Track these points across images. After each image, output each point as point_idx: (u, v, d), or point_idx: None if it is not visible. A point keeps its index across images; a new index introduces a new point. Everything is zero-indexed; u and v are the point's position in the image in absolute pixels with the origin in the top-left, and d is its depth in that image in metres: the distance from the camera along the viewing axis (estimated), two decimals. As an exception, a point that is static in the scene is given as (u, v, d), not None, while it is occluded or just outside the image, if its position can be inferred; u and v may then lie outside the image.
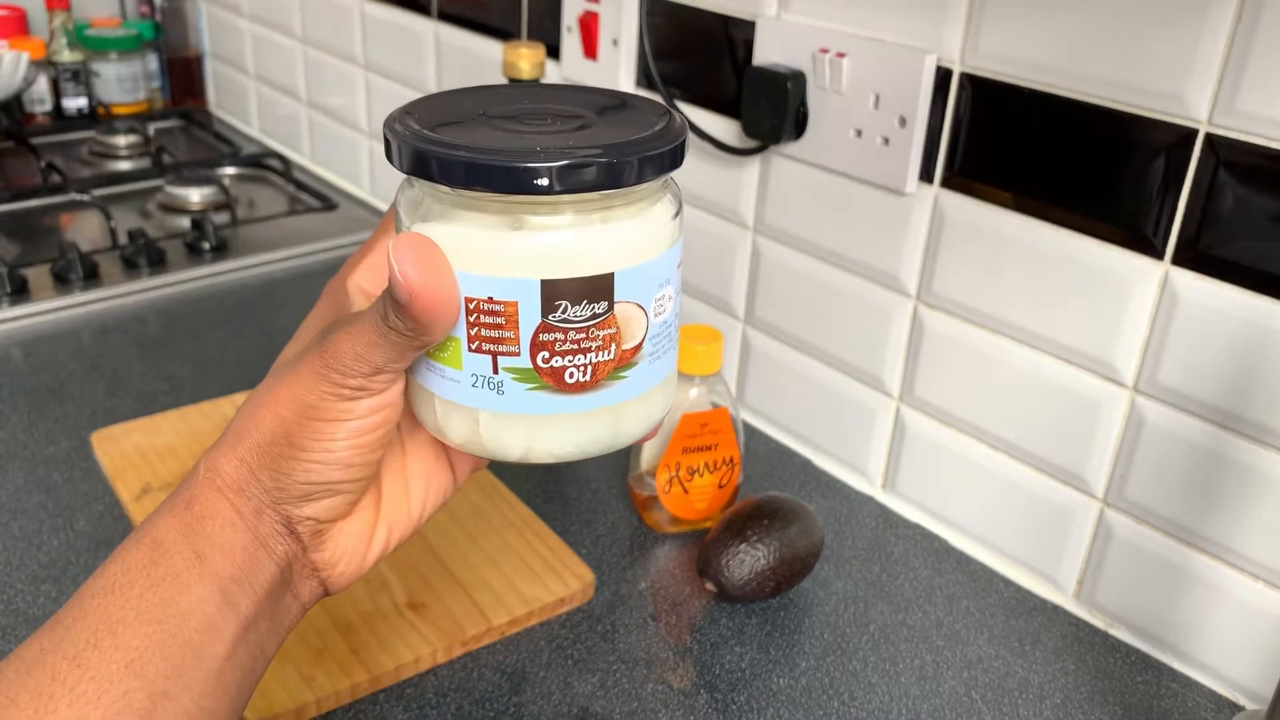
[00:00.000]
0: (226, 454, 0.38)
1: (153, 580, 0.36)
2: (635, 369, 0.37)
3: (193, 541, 0.37)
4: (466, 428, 0.38)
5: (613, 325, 0.36)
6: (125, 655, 0.35)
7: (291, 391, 0.37)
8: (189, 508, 0.38)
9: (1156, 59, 0.60)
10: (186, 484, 0.39)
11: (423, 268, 0.34)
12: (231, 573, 0.37)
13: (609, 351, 0.36)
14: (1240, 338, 0.60)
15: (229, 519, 0.38)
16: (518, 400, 0.37)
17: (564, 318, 0.35)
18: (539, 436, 0.37)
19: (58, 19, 1.50)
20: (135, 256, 1.10)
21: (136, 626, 0.35)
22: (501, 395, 0.36)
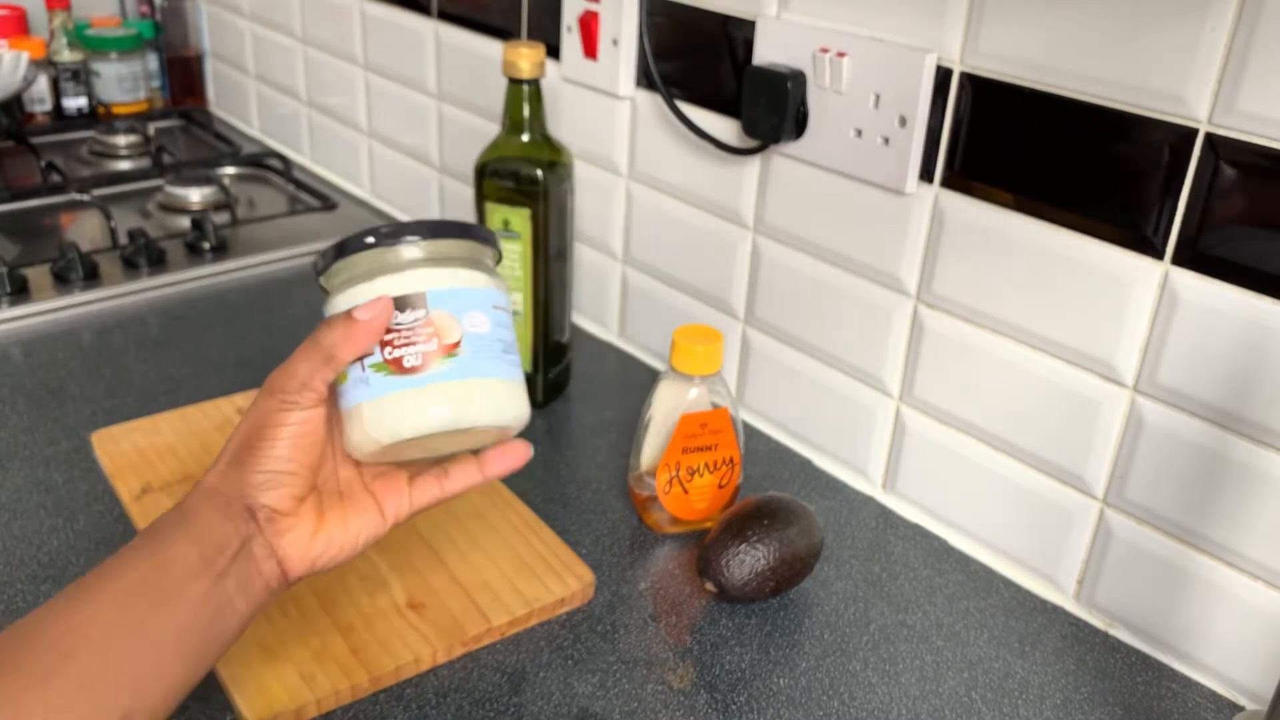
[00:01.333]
0: (211, 471, 0.53)
1: (151, 537, 0.51)
2: (458, 359, 0.53)
3: (181, 523, 0.51)
4: (359, 430, 0.53)
5: (431, 325, 0.52)
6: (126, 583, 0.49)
7: (249, 415, 0.53)
8: (179, 508, 0.52)
9: (1156, 59, 0.60)
10: (180, 503, 0.53)
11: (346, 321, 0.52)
12: (211, 539, 0.50)
13: (432, 344, 0.52)
14: (1240, 338, 0.60)
15: (209, 507, 0.52)
16: (379, 386, 0.52)
17: (398, 322, 0.52)
18: (399, 415, 0.52)
19: (58, 19, 1.50)
20: (135, 256, 1.10)
21: (138, 564, 0.49)
22: (369, 386, 0.52)
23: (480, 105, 1.12)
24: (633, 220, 0.98)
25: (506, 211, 0.84)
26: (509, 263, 0.85)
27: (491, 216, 0.85)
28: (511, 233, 0.84)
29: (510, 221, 0.84)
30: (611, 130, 0.96)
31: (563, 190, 0.86)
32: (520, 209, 0.84)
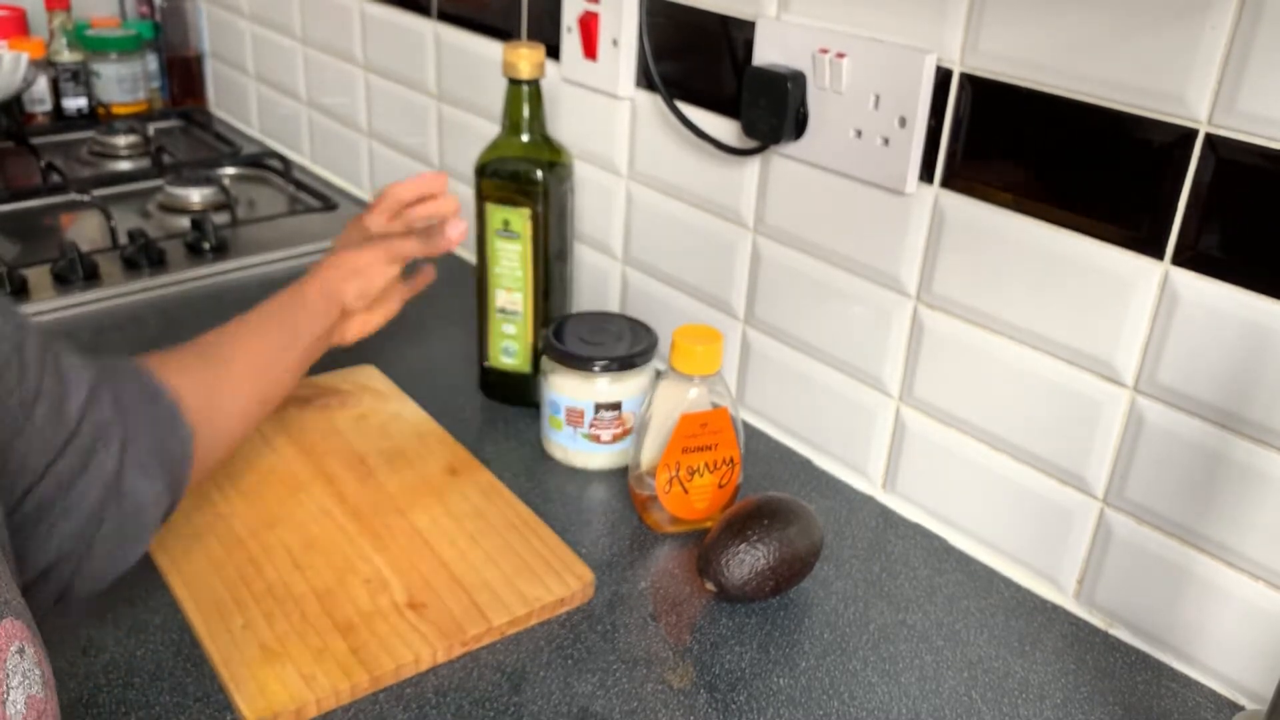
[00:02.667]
0: (328, 268, 0.81)
1: (287, 310, 0.78)
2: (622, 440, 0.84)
3: (303, 300, 0.78)
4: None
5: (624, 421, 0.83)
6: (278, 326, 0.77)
7: (366, 249, 0.82)
8: (302, 288, 0.79)
9: (1156, 59, 0.60)
10: (304, 276, 0.81)
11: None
12: (320, 309, 0.79)
13: (620, 427, 0.83)
14: (1240, 338, 0.60)
15: (320, 296, 0.79)
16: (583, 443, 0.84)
17: (596, 417, 0.82)
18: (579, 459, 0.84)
19: (58, 19, 1.50)
20: (135, 256, 1.10)
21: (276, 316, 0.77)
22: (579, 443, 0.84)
23: (480, 105, 1.12)
24: (633, 220, 0.98)
25: (506, 212, 0.85)
26: (508, 263, 0.86)
27: (491, 217, 0.85)
28: (511, 233, 0.85)
29: (510, 221, 0.85)
30: (611, 130, 0.96)
31: (563, 191, 0.87)
32: (520, 209, 0.84)
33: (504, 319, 0.88)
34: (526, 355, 0.89)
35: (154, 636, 0.65)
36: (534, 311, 0.88)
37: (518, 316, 0.88)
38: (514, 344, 0.89)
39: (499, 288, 0.87)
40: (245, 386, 0.72)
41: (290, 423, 0.86)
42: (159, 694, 0.61)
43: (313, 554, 0.71)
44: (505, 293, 0.87)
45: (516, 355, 0.89)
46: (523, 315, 0.88)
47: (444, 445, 0.84)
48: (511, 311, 0.88)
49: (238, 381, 0.71)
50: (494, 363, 0.90)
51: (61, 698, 0.60)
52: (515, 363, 0.90)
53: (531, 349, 0.89)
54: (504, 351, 0.90)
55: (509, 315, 0.88)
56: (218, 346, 0.72)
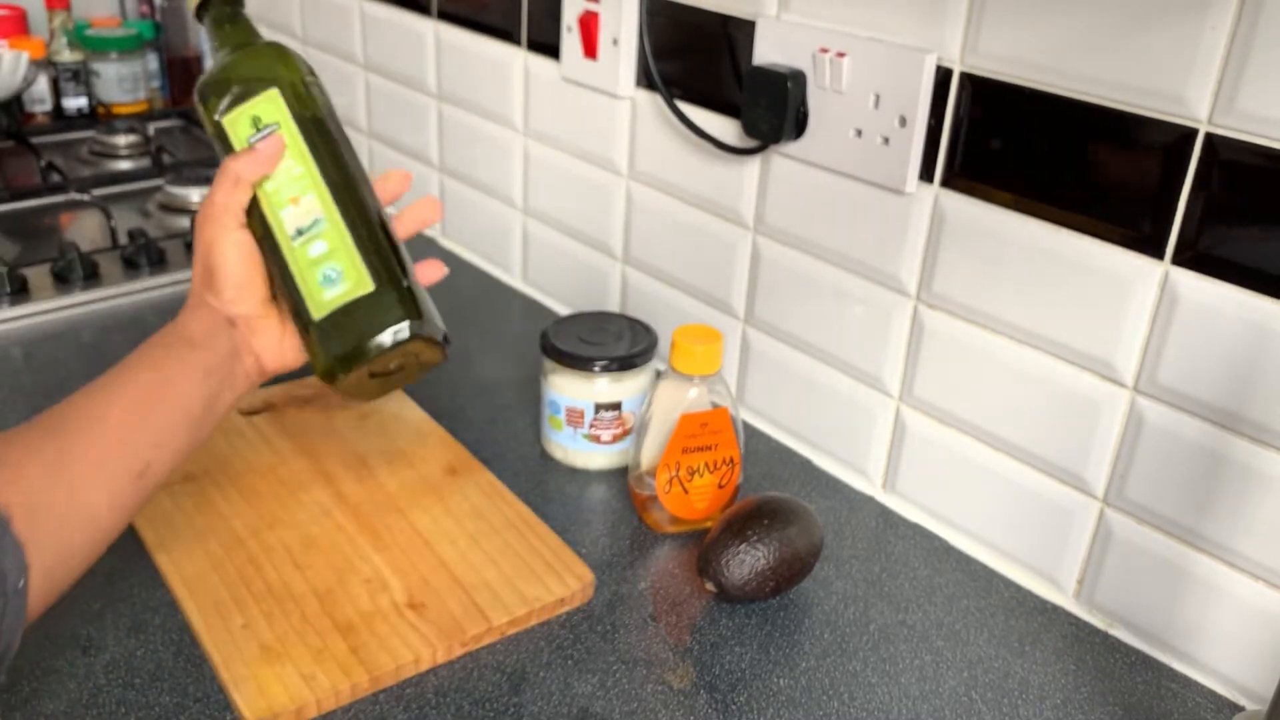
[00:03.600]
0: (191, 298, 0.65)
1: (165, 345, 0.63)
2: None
3: (182, 332, 0.63)
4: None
5: (623, 421, 0.82)
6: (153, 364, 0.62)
7: (197, 251, 0.65)
8: (176, 324, 0.64)
9: (1156, 59, 0.60)
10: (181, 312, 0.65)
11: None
12: (199, 337, 0.63)
13: (620, 427, 0.83)
14: (1240, 338, 0.60)
15: (200, 320, 0.64)
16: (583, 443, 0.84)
17: (596, 417, 0.82)
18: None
19: (58, 19, 1.50)
20: (135, 256, 1.10)
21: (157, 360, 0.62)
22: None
23: (480, 105, 1.12)
24: (633, 220, 0.98)
25: (248, 109, 0.65)
26: (284, 166, 0.64)
27: (235, 128, 0.65)
28: (268, 126, 0.64)
29: (259, 116, 0.65)
30: (611, 130, 0.96)
31: (300, 65, 0.68)
32: (262, 95, 0.65)
33: (306, 241, 0.63)
34: (358, 267, 0.63)
35: (154, 636, 0.65)
36: (341, 205, 0.64)
37: (321, 224, 0.63)
38: (335, 264, 0.63)
39: (280, 207, 0.64)
40: (109, 463, 0.56)
41: (290, 423, 0.86)
42: (159, 694, 0.61)
43: (313, 554, 0.71)
44: (292, 206, 0.63)
45: (345, 276, 0.62)
46: (325, 218, 0.63)
47: (444, 445, 0.84)
48: (310, 226, 0.63)
49: (97, 457, 0.56)
50: (319, 307, 0.63)
51: (62, 698, 0.60)
52: (347, 287, 0.62)
53: (362, 254, 0.63)
54: (325, 281, 0.62)
55: (309, 233, 0.63)
56: (70, 417, 0.56)
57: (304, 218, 0.64)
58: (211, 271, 0.63)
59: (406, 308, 0.63)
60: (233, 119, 0.65)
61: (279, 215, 0.64)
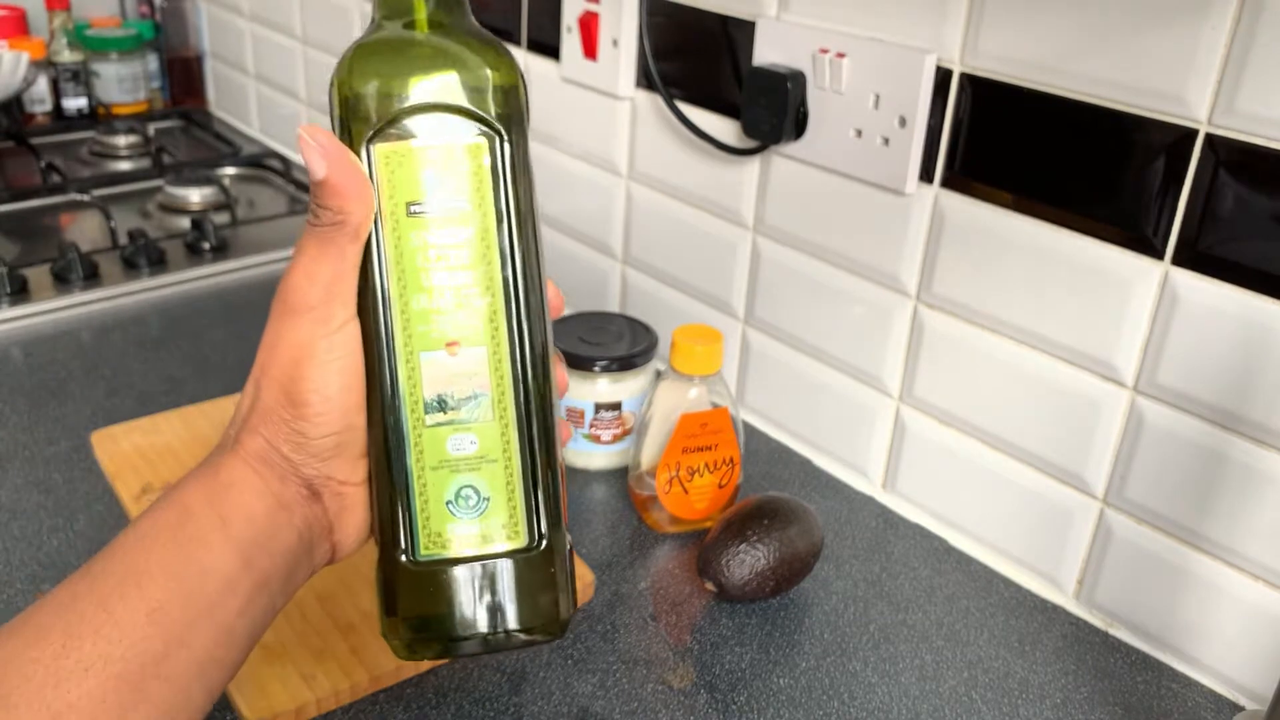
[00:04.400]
0: (250, 432, 0.41)
1: (178, 541, 0.39)
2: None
3: (218, 507, 0.40)
4: None
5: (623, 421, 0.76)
6: (147, 605, 0.37)
7: (275, 355, 0.40)
8: (215, 475, 0.40)
9: (1156, 59, 0.60)
10: (216, 454, 0.42)
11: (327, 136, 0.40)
12: (252, 537, 0.40)
13: (620, 427, 0.78)
14: (1240, 338, 0.60)
15: (254, 487, 0.40)
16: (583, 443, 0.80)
17: (596, 417, 0.80)
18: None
19: (58, 19, 1.50)
20: (135, 256, 1.10)
21: (160, 580, 0.38)
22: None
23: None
24: (633, 220, 0.98)
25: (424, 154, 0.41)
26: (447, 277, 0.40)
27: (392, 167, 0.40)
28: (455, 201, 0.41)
29: (444, 177, 0.41)
30: (611, 130, 0.96)
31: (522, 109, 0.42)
32: (461, 143, 0.41)
33: (448, 422, 0.41)
34: (513, 500, 0.42)
35: (154, 636, 0.65)
36: (522, 380, 0.41)
37: (479, 404, 0.41)
38: (482, 483, 0.41)
39: (426, 341, 0.40)
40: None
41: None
42: (159, 694, 0.61)
43: (313, 554, 0.71)
44: (445, 353, 0.41)
45: (491, 510, 0.41)
46: (490, 397, 0.41)
47: (444, 445, 0.84)
48: (464, 400, 0.41)
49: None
50: (432, 541, 0.41)
51: (61, 698, 0.59)
52: (486, 529, 0.41)
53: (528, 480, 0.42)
54: (458, 503, 0.41)
55: (458, 410, 0.41)
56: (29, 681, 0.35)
57: (457, 381, 0.40)
58: (297, 399, 0.39)
59: (564, 597, 0.42)
60: (392, 154, 0.40)
61: (412, 349, 0.40)
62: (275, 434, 0.40)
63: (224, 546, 0.39)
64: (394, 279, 0.40)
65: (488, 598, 0.41)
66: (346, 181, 0.39)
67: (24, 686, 0.35)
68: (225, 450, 0.41)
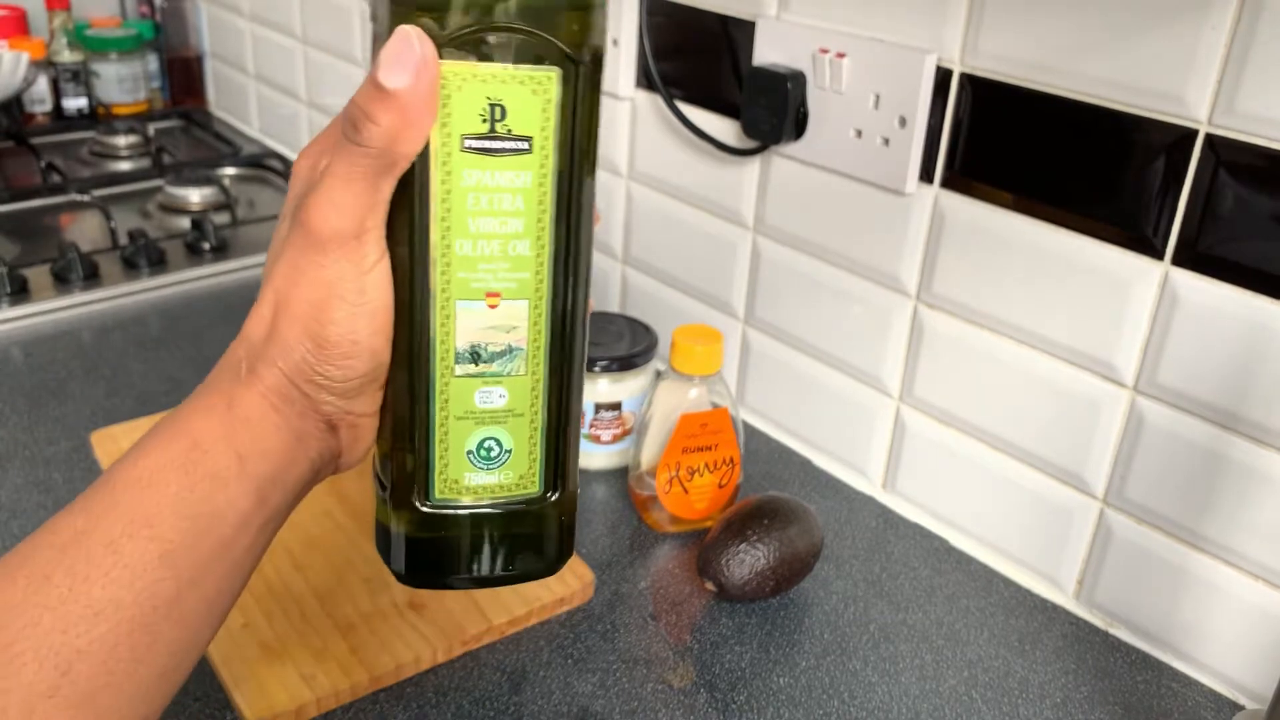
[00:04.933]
0: (267, 364, 0.38)
1: (191, 479, 0.37)
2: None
3: (234, 444, 0.38)
4: None
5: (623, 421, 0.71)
6: (160, 547, 0.36)
7: (298, 290, 0.37)
8: (230, 409, 0.38)
9: (1156, 59, 0.60)
10: (225, 383, 0.39)
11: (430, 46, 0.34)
12: (268, 473, 0.38)
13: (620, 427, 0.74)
14: (1240, 338, 0.60)
15: (273, 422, 0.38)
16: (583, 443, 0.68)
17: (596, 417, 0.79)
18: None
19: (58, 19, 1.50)
20: (135, 256, 1.10)
21: (173, 521, 0.36)
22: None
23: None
24: (633, 220, 0.98)
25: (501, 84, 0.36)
26: (495, 223, 0.37)
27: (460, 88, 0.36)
28: (510, 140, 0.37)
29: (505, 106, 0.36)
30: (612, 130, 0.96)
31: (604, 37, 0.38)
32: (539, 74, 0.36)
33: (479, 374, 0.39)
34: (533, 453, 0.42)
35: (154, 636, 0.65)
36: (558, 340, 0.40)
37: (514, 359, 0.39)
38: (505, 436, 0.41)
39: (465, 289, 0.38)
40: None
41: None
42: (159, 694, 0.61)
43: (313, 553, 0.71)
44: (484, 304, 0.38)
45: (512, 463, 0.41)
46: (525, 352, 0.40)
47: (444, 445, 0.84)
48: (498, 354, 0.39)
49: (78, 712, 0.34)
50: (448, 486, 0.41)
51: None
52: (504, 480, 0.41)
53: (549, 435, 0.41)
54: (478, 454, 0.40)
55: (491, 364, 0.39)
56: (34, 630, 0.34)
57: (494, 334, 0.38)
58: (325, 341, 0.37)
59: (566, 541, 0.44)
60: (456, 75, 0.35)
61: (452, 296, 0.38)
62: (296, 371, 0.38)
63: (240, 485, 0.37)
64: (437, 219, 0.36)
65: (495, 544, 0.41)
66: (420, 105, 0.34)
67: (30, 632, 0.34)
68: (238, 380, 0.38)
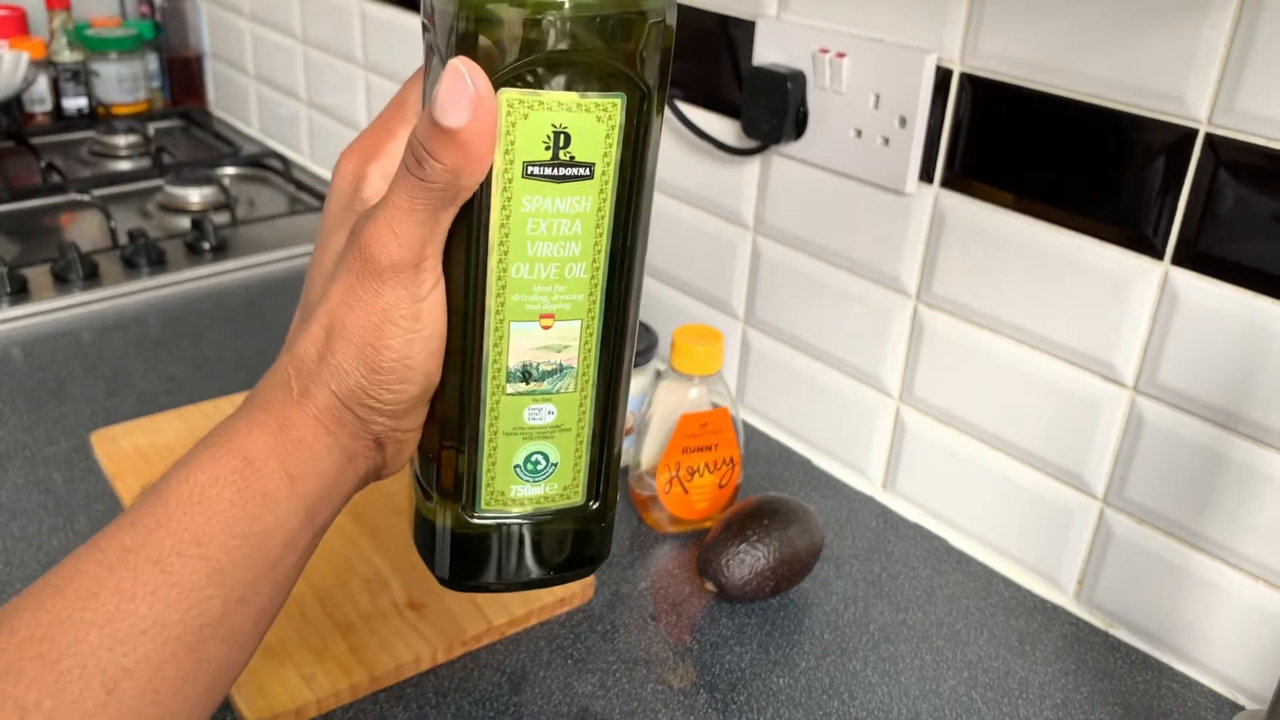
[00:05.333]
0: (319, 386, 0.39)
1: (242, 497, 0.37)
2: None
3: (286, 464, 0.38)
4: None
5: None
6: (209, 565, 0.36)
7: (354, 314, 0.37)
8: (284, 431, 0.38)
9: (1156, 59, 0.60)
10: (276, 401, 0.39)
11: (485, 80, 0.34)
12: (318, 492, 0.39)
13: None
14: (1240, 338, 0.60)
15: (325, 444, 0.39)
16: None
17: None
18: None
19: (58, 19, 1.50)
20: (135, 256, 1.10)
21: (222, 540, 0.36)
22: None
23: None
24: (633, 220, 0.98)
25: (566, 110, 0.35)
26: (555, 248, 0.37)
27: (522, 118, 0.35)
28: (572, 167, 0.36)
29: (569, 133, 0.36)
30: (611, 130, 0.96)
31: (670, 59, 0.37)
32: (605, 101, 0.36)
33: (530, 392, 0.39)
34: (579, 465, 0.42)
35: (154, 636, 0.65)
36: (607, 357, 0.40)
37: (565, 378, 0.40)
38: (553, 450, 0.41)
39: (519, 312, 0.38)
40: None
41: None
42: (159, 694, 0.61)
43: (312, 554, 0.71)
44: (538, 325, 0.38)
45: (558, 475, 0.41)
46: (576, 371, 0.40)
47: (444, 445, 0.84)
48: (550, 374, 0.39)
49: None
50: (494, 498, 0.41)
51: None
52: (549, 490, 0.41)
53: (595, 447, 0.41)
54: (525, 467, 0.41)
55: (543, 382, 0.39)
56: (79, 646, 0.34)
57: (546, 353, 0.38)
58: (379, 366, 0.37)
59: (601, 546, 0.43)
60: (521, 103, 0.34)
61: (505, 323, 0.38)
62: (350, 396, 0.38)
63: (290, 505, 0.38)
64: (495, 244, 0.36)
65: (539, 550, 0.42)
66: (481, 141, 0.34)
67: (76, 649, 0.34)
68: (289, 400, 0.39)
